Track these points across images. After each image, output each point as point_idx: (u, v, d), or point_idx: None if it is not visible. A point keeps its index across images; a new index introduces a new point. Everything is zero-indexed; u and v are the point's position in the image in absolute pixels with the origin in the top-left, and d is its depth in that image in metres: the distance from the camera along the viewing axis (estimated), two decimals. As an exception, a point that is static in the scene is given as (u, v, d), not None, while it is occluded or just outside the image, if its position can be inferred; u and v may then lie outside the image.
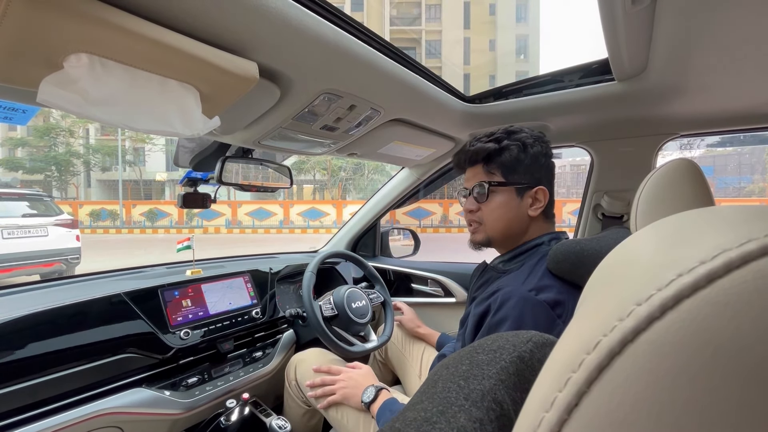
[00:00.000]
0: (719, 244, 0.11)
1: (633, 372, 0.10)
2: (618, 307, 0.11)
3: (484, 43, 24.92)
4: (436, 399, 0.22)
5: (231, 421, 1.01)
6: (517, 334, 0.30)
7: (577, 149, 1.24)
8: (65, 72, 0.41)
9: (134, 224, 16.66)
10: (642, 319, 0.11)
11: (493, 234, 0.84)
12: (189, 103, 0.52)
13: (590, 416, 0.11)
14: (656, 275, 0.11)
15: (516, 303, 0.67)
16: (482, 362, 0.26)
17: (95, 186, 22.47)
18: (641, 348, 0.11)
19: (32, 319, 0.84)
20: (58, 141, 18.12)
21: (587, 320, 0.13)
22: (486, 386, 0.23)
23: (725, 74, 0.76)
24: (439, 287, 1.60)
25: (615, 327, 0.11)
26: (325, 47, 0.62)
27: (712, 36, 0.62)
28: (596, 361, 0.11)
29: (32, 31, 0.38)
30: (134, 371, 0.95)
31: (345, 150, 1.12)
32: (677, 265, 0.11)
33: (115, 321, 0.95)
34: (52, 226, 5.60)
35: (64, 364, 0.85)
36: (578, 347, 0.12)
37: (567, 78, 0.98)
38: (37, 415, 0.79)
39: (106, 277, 1.12)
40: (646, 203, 0.62)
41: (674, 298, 0.10)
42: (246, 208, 17.05)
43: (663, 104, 0.93)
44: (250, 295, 1.26)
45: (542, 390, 0.13)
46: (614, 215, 1.15)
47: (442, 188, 16.10)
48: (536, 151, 0.80)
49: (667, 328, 0.10)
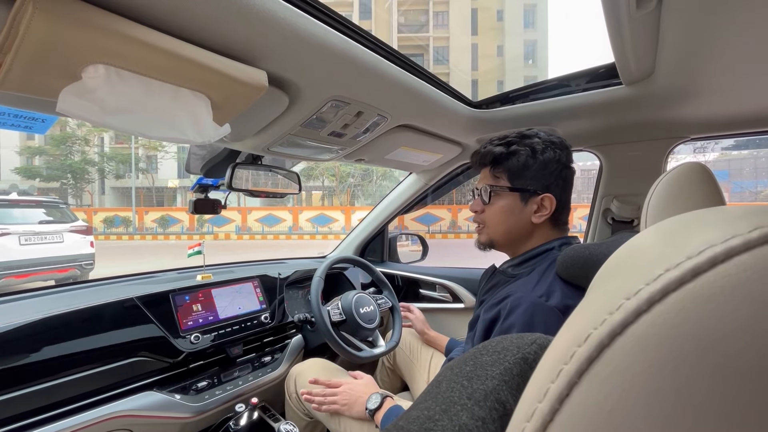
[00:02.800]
0: (707, 240, 0.11)
1: (622, 363, 0.11)
2: (609, 302, 0.12)
3: (491, 49, 24.96)
4: (439, 398, 0.23)
5: (240, 426, 1.02)
6: (521, 336, 0.30)
7: (587, 154, 1.23)
8: (83, 82, 0.43)
9: (146, 230, 16.94)
10: (630, 312, 0.11)
11: (494, 236, 0.84)
12: (200, 111, 0.53)
13: (580, 406, 0.11)
14: (646, 271, 0.11)
15: (526, 309, 0.67)
16: (486, 363, 0.26)
17: (109, 193, 22.95)
18: (629, 340, 0.11)
19: (47, 322, 0.86)
20: (74, 149, 18.57)
21: (581, 315, 0.13)
22: (489, 386, 0.23)
23: (735, 77, 0.75)
24: (448, 293, 1.60)
25: (605, 320, 0.11)
26: (332, 55, 0.63)
27: (719, 39, 0.61)
28: (586, 353, 0.12)
29: (53, 44, 0.40)
30: (145, 375, 0.96)
31: (352, 156, 1.13)
32: (666, 260, 0.11)
33: (127, 325, 0.97)
34: (67, 233, 5.72)
35: (78, 367, 0.86)
36: (571, 340, 0.12)
37: (574, 82, 0.98)
38: (52, 416, 0.80)
39: (119, 282, 1.14)
40: (656, 207, 0.61)
41: (661, 292, 0.11)
42: (256, 215, 17.22)
43: (672, 107, 0.93)
44: (259, 300, 1.28)
45: (537, 382, 0.13)
46: (624, 220, 1.14)
47: (450, 193, 16.02)
48: (547, 157, 0.77)
49: (653, 321, 0.11)
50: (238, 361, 1.17)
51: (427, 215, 16.05)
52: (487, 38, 24.72)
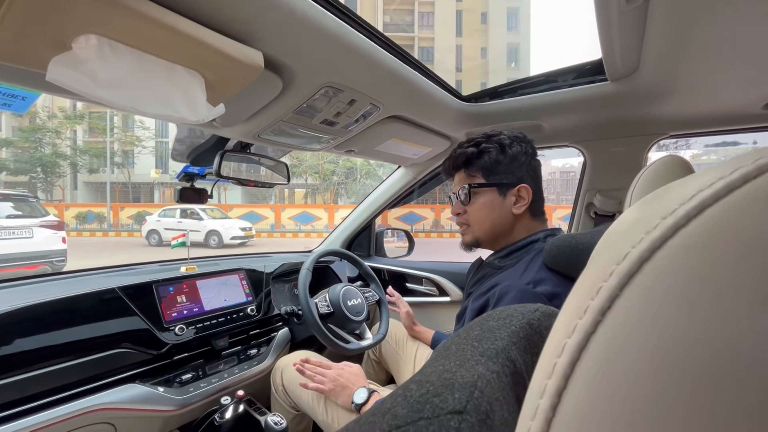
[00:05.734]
0: (736, 162, 0.12)
1: (663, 273, 0.11)
2: (645, 223, 0.12)
3: (476, 50, 25.27)
4: (451, 357, 0.23)
5: (225, 419, 1.00)
6: (524, 305, 0.31)
7: (569, 155, 1.26)
8: (73, 53, 0.41)
9: (122, 227, 16.38)
10: (668, 227, 0.12)
11: (480, 234, 0.86)
12: (194, 90, 0.52)
13: (622, 316, 0.12)
14: (680, 194, 0.12)
15: (514, 296, 0.68)
16: (493, 327, 0.27)
17: (81, 188, 22.05)
18: (670, 251, 0.12)
19: (23, 313, 0.83)
20: (44, 142, 17.77)
21: (613, 240, 0.14)
22: (499, 346, 0.24)
23: (714, 74, 0.79)
24: (434, 286, 1.61)
25: (642, 239, 0.12)
26: (328, 39, 0.63)
27: (702, 34, 0.64)
28: (627, 268, 0.12)
29: (41, 10, 0.38)
30: (128, 367, 0.94)
31: (343, 147, 1.12)
32: (698, 184, 0.12)
33: (108, 315, 0.94)
34: (37, 228, 5.48)
35: (56, 359, 0.83)
36: (609, 259, 0.13)
37: (561, 78, 1.00)
38: (28, 410, 0.77)
39: (98, 274, 1.10)
40: (637, 200, 0.63)
41: (698, 208, 0.12)
42: (236, 212, 16.90)
43: (653, 104, 0.96)
44: (245, 292, 1.26)
45: (575, 300, 0.14)
46: (606, 214, 1.18)
47: (434, 193, 16.08)
48: (515, 151, 0.82)
49: (692, 233, 0.11)
50: (223, 354, 1.15)
51: (411, 214, 16.12)
52: (471, 39, 25.02)
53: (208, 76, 0.54)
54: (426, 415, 0.18)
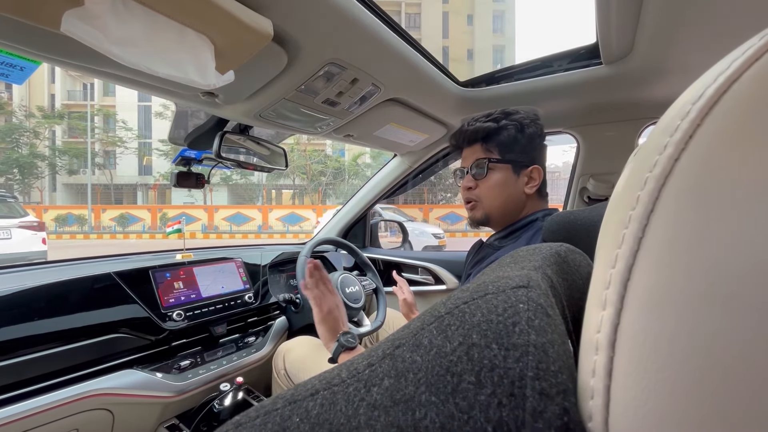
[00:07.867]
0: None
1: (746, 95, 0.12)
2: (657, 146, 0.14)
3: (462, 53, 25.55)
4: (491, 273, 0.23)
5: (224, 406, 0.99)
6: (548, 243, 0.31)
7: (555, 156, 1.29)
8: (87, 8, 0.41)
9: (104, 229, 15.96)
10: (748, 58, 0.13)
11: (490, 210, 0.86)
12: (205, 56, 0.52)
13: (708, 138, 0.13)
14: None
15: None
16: (524, 257, 0.28)
17: (61, 190, 21.40)
18: (754, 72, 0.13)
19: (17, 297, 0.80)
20: (22, 142, 17.20)
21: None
22: (536, 263, 0.25)
23: (706, 54, 0.81)
24: (430, 275, 1.62)
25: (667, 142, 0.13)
26: (335, 13, 0.63)
27: (698, 11, 0.67)
28: (714, 89, 0.13)
29: None
30: (125, 352, 0.92)
31: (342, 131, 1.12)
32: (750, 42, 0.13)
33: (104, 300, 0.92)
34: (16, 228, 5.30)
35: (52, 343, 0.81)
36: (635, 183, 0.14)
37: (557, 63, 1.02)
38: (23, 394, 0.75)
39: (92, 262, 1.08)
40: None
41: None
42: (223, 213, 16.68)
43: (645, 88, 0.99)
44: (243, 280, 1.25)
45: (609, 234, 0.15)
46: (599, 197, 1.21)
47: (422, 193, 16.03)
48: (532, 132, 0.83)
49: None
50: (221, 341, 1.14)
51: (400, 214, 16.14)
52: (457, 41, 25.28)
53: (217, 42, 0.53)
54: (492, 291, 0.18)
